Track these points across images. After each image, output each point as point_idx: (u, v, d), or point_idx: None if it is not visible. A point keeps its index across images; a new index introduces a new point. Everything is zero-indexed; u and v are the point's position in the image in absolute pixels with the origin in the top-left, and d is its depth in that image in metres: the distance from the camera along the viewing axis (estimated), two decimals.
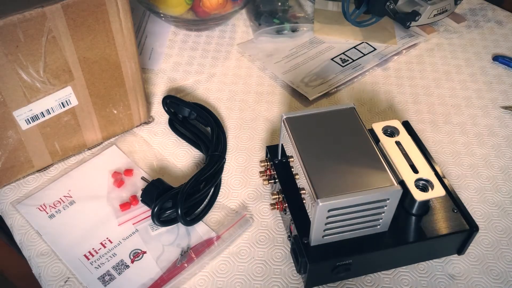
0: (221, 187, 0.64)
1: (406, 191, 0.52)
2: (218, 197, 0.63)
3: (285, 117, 0.56)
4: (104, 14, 0.56)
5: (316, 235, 0.50)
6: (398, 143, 0.57)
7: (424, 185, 0.53)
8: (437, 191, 0.52)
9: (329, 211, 0.48)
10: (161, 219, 0.57)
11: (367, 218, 0.50)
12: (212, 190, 0.62)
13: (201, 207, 0.60)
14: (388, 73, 0.83)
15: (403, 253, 0.54)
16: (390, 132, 0.59)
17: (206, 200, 0.61)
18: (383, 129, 0.59)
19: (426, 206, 0.55)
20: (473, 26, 0.94)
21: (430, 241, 0.53)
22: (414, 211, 0.54)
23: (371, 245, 0.52)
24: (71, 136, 0.64)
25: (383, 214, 0.50)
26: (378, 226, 0.52)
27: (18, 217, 0.60)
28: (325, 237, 0.51)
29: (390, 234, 0.53)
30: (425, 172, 0.54)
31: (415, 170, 0.54)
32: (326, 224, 0.49)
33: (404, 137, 0.58)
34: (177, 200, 0.56)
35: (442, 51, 0.88)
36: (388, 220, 0.52)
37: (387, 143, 0.57)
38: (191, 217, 0.59)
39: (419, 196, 0.52)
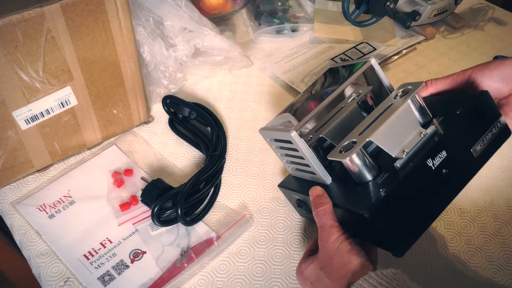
0: (221, 187, 0.64)
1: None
2: (218, 197, 0.63)
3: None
4: (103, 13, 0.56)
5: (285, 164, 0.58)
6: (390, 105, 0.48)
7: (348, 147, 0.46)
8: (345, 154, 0.45)
9: (268, 140, 0.55)
10: (161, 219, 0.57)
11: (297, 161, 0.53)
12: (212, 190, 0.62)
13: (201, 207, 0.60)
14: (388, 73, 0.83)
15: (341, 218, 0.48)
16: (402, 93, 0.49)
17: (206, 200, 0.61)
18: (395, 93, 0.50)
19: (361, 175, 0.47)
20: (473, 26, 0.94)
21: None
22: (357, 179, 0.47)
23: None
24: (70, 136, 0.64)
25: (303, 161, 0.51)
26: (315, 175, 0.51)
27: (18, 217, 0.60)
28: (290, 169, 0.57)
29: (331, 189, 0.50)
30: (364, 136, 0.45)
31: (362, 133, 0.47)
32: (279, 154, 0.56)
33: (399, 102, 0.48)
34: (177, 200, 0.56)
35: (442, 51, 0.88)
36: (317, 169, 0.50)
37: (384, 102, 0.50)
38: (191, 217, 0.59)
39: (330, 154, 0.47)
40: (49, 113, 0.59)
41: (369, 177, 0.46)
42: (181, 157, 0.68)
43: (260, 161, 0.68)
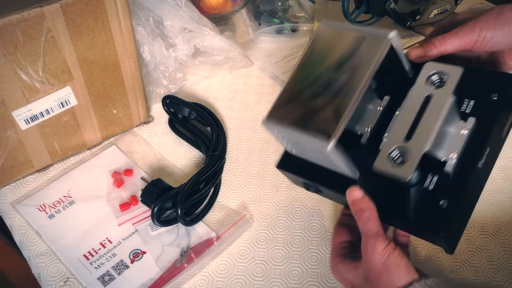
0: (221, 187, 0.64)
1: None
2: (218, 197, 0.62)
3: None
4: (103, 13, 0.56)
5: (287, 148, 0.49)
6: (428, 97, 0.42)
7: (399, 155, 0.41)
8: (403, 170, 0.40)
9: (275, 135, 0.46)
10: (161, 219, 0.57)
11: (320, 158, 0.45)
12: (212, 190, 0.62)
13: (201, 207, 0.60)
14: None
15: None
16: (439, 80, 0.43)
17: (206, 200, 0.61)
18: (428, 78, 0.43)
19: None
20: None
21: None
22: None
23: (332, 183, 0.47)
24: (70, 136, 0.64)
25: (334, 164, 0.44)
26: (340, 170, 0.45)
27: (18, 217, 0.60)
28: (294, 153, 0.48)
29: (360, 184, 0.45)
30: (416, 144, 0.40)
31: (409, 137, 0.41)
32: (285, 143, 0.48)
33: (441, 96, 0.41)
34: (177, 200, 0.56)
35: None
36: (347, 170, 0.44)
37: (417, 91, 0.43)
38: (191, 217, 0.59)
39: (377, 164, 0.41)
40: (49, 113, 0.59)
41: (415, 179, 0.42)
42: (181, 157, 0.68)
43: (260, 161, 0.68)
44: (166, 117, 0.73)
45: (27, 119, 0.58)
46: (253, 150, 0.69)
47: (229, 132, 0.72)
